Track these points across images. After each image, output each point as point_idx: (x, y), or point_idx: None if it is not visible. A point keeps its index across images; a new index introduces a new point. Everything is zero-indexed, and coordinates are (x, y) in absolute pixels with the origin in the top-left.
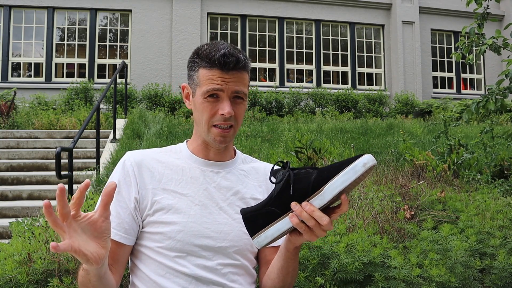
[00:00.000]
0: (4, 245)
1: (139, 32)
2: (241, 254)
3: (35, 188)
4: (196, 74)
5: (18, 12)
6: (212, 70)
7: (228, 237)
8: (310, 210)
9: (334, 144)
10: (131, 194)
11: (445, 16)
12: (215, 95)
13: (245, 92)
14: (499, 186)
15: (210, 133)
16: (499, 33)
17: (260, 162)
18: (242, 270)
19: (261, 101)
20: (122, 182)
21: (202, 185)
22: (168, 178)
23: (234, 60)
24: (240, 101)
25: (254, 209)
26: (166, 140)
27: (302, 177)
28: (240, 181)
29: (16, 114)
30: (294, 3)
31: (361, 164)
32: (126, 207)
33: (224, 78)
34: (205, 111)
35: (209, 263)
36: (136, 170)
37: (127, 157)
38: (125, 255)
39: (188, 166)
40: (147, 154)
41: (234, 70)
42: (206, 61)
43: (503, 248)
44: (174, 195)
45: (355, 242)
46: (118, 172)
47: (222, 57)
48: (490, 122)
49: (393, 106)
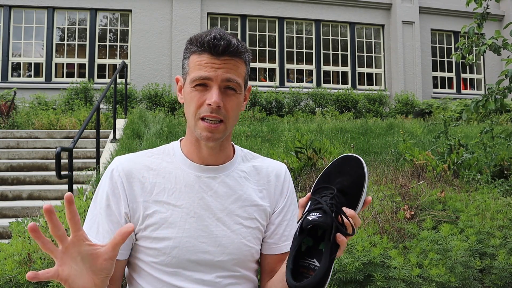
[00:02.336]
0: (4, 245)
1: (139, 32)
2: (241, 265)
3: (35, 188)
4: (187, 61)
5: (18, 12)
6: (202, 55)
7: (227, 251)
8: (352, 215)
9: (334, 144)
10: (121, 209)
11: (445, 16)
12: (204, 84)
13: (238, 82)
14: (499, 186)
15: (197, 127)
16: (498, 33)
17: (262, 159)
18: (242, 279)
19: (261, 101)
20: (111, 195)
21: (197, 194)
22: (160, 188)
23: (225, 43)
24: (232, 93)
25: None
26: (166, 140)
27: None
28: (239, 186)
29: (16, 114)
30: (294, 3)
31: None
32: (117, 221)
33: (214, 64)
34: (192, 101)
35: (207, 277)
36: (125, 181)
37: (115, 165)
38: (121, 270)
39: (181, 172)
40: (137, 162)
41: (226, 55)
42: (196, 45)
43: (503, 248)
44: (167, 207)
45: (355, 242)
46: (106, 183)
47: (212, 40)
48: (490, 122)
49: (393, 106)
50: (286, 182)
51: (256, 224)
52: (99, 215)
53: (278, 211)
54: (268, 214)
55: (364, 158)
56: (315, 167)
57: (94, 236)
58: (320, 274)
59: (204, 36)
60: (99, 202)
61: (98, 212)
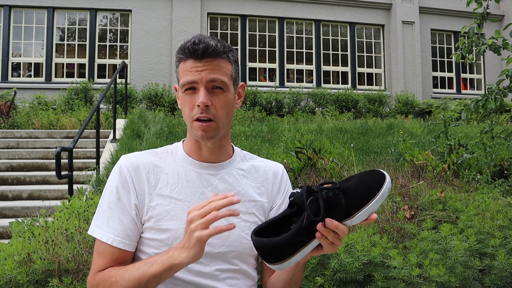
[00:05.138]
0: (4, 245)
1: (139, 32)
2: (240, 258)
3: (35, 188)
4: (177, 69)
5: (18, 12)
6: (187, 61)
7: (226, 243)
8: (335, 226)
9: (334, 144)
10: (131, 201)
11: (445, 16)
12: (193, 87)
13: (223, 80)
14: (499, 186)
15: (193, 129)
16: (498, 33)
17: (260, 160)
18: (241, 274)
19: (261, 101)
20: (121, 188)
21: (198, 189)
22: (164, 183)
23: (203, 46)
24: (219, 92)
25: (278, 242)
26: (166, 140)
27: (332, 204)
28: (238, 183)
29: (16, 114)
30: (294, 3)
31: (387, 190)
32: (128, 213)
33: (197, 68)
34: (185, 105)
35: (207, 269)
36: (133, 175)
37: (123, 161)
38: (130, 261)
39: (183, 169)
40: (143, 158)
41: (206, 57)
42: (181, 52)
43: (503, 248)
44: (169, 200)
45: (355, 242)
46: (116, 178)
47: (192, 45)
48: (490, 122)
49: (393, 106)
50: (283, 180)
51: (255, 219)
52: (109, 209)
53: (276, 207)
54: (266, 210)
55: (364, 158)
56: (315, 167)
57: (105, 229)
58: (275, 242)
59: (186, 43)
60: (108, 196)
61: (107, 207)
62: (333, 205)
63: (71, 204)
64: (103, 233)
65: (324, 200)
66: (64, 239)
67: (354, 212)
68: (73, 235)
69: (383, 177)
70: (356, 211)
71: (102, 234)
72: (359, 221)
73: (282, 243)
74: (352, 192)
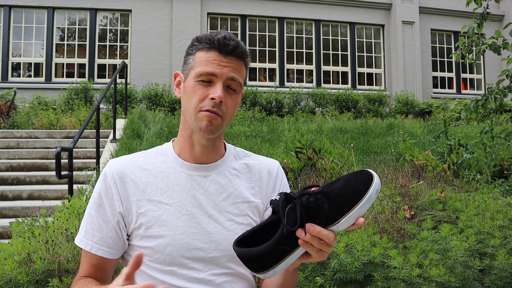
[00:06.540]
0: (4, 245)
1: (139, 32)
2: (235, 262)
3: (35, 188)
4: (193, 57)
5: (18, 12)
6: (210, 52)
7: (220, 247)
8: (317, 232)
9: (334, 144)
10: (114, 208)
11: (445, 16)
12: (209, 80)
13: (240, 82)
14: (499, 186)
15: (197, 119)
16: (499, 33)
17: (255, 157)
18: (237, 277)
19: (261, 101)
20: (104, 195)
21: (189, 192)
22: (153, 187)
23: (234, 43)
24: (232, 92)
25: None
26: (166, 140)
27: (313, 210)
28: (230, 183)
29: (16, 114)
30: (294, 3)
31: (374, 192)
32: (109, 221)
33: (221, 62)
34: (195, 95)
35: (201, 275)
36: (118, 181)
37: (108, 167)
38: (112, 269)
39: (174, 171)
40: (130, 162)
41: (233, 55)
42: (206, 42)
43: (503, 248)
44: (159, 205)
45: (355, 242)
46: (100, 184)
47: (223, 39)
48: (490, 122)
49: (393, 106)
50: (278, 179)
51: (249, 221)
52: (90, 216)
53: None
54: (261, 211)
55: (364, 158)
56: (315, 167)
57: (83, 235)
58: (255, 251)
59: (214, 35)
60: (91, 203)
61: (88, 213)
62: (315, 211)
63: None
64: (81, 239)
65: (305, 206)
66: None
67: (338, 217)
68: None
69: (370, 178)
70: (341, 216)
71: (80, 240)
72: (346, 226)
73: (262, 253)
74: (336, 196)
